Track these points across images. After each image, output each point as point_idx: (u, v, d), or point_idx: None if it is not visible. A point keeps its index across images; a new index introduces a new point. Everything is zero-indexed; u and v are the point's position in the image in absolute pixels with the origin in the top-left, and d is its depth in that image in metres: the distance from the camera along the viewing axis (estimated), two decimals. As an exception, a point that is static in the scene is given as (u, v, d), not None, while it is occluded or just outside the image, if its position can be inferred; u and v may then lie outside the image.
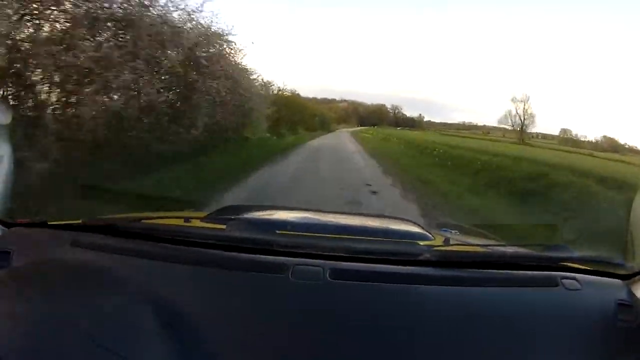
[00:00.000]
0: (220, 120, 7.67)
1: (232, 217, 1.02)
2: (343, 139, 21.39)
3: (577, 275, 0.82)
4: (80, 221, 0.90)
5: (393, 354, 0.62)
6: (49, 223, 0.92)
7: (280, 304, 0.68)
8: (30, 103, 3.95)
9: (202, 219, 1.05)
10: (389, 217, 1.53)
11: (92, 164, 3.83)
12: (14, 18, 3.51)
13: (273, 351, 0.61)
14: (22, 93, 3.87)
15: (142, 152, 4.89)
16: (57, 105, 4.20)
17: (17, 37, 3.62)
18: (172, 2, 5.52)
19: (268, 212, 1.31)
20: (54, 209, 2.63)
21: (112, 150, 4.46)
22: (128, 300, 0.66)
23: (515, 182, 6.38)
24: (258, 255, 0.78)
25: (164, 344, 0.59)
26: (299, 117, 20.36)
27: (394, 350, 0.62)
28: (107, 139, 4.44)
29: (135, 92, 5.07)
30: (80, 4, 4.16)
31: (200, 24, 6.32)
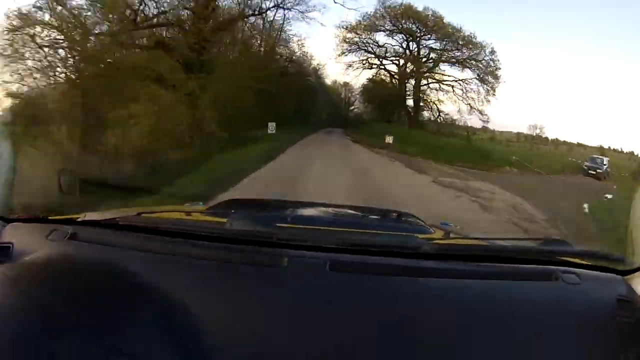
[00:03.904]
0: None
1: (233, 211, 1.02)
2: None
3: (577, 270, 0.82)
4: (79, 216, 0.90)
5: (393, 346, 0.62)
6: (48, 218, 0.92)
7: (280, 296, 0.68)
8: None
9: (202, 213, 1.05)
10: (390, 211, 1.53)
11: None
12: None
13: (274, 343, 0.61)
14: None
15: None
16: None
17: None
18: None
19: (268, 205, 1.31)
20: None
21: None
22: (128, 294, 0.66)
23: None
24: (258, 248, 0.78)
25: (165, 337, 0.59)
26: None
27: (393, 343, 0.63)
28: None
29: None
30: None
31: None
